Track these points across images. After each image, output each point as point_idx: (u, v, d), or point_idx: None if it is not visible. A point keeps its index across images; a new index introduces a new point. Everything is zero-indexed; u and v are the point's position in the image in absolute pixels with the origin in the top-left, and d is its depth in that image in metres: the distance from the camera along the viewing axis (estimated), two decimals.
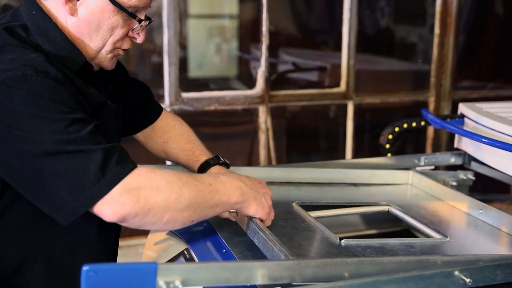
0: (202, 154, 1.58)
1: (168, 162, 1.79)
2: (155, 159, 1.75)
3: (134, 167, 1.16)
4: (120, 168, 1.13)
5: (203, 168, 1.55)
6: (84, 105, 1.26)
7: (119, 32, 1.32)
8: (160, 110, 1.69)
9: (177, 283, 1.01)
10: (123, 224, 1.18)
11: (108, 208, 1.12)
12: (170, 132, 1.65)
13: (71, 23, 1.30)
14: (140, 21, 1.33)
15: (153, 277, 0.99)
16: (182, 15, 3.64)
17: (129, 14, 1.30)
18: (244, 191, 1.30)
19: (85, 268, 0.96)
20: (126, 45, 1.37)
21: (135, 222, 1.16)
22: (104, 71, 1.45)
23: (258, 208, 1.33)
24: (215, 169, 1.54)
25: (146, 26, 1.37)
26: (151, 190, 1.14)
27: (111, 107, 1.42)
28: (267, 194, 1.39)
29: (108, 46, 1.34)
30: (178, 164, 1.65)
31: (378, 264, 1.16)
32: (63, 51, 1.29)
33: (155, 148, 1.67)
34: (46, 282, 1.31)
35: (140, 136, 1.69)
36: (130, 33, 1.36)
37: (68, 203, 1.13)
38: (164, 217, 1.17)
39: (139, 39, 1.37)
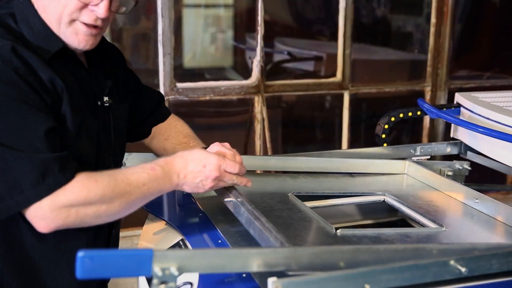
0: (196, 145, 1.60)
1: None
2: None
3: (74, 175, 1.20)
4: (61, 175, 1.19)
5: None
6: (52, 98, 1.26)
7: (71, 3, 1.28)
8: (167, 114, 1.73)
9: (173, 269, 1.00)
10: None
11: (41, 222, 1.19)
12: (171, 130, 1.68)
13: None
14: None
15: (149, 264, 0.99)
16: (176, 4, 3.61)
17: None
18: (176, 183, 1.33)
19: (80, 254, 0.95)
20: (86, 18, 1.31)
21: (70, 227, 1.23)
22: (99, 67, 1.45)
23: (195, 190, 1.37)
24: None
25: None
26: (83, 205, 1.21)
27: (107, 104, 1.44)
28: (223, 171, 1.36)
29: (64, 18, 1.30)
30: None
31: (374, 253, 1.16)
32: (40, 37, 1.31)
33: (156, 147, 1.70)
34: None
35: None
36: (90, 6, 1.30)
37: (4, 200, 1.18)
38: (97, 221, 1.26)
39: (99, 12, 1.30)
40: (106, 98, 1.45)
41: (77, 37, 1.33)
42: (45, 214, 1.18)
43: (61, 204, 1.19)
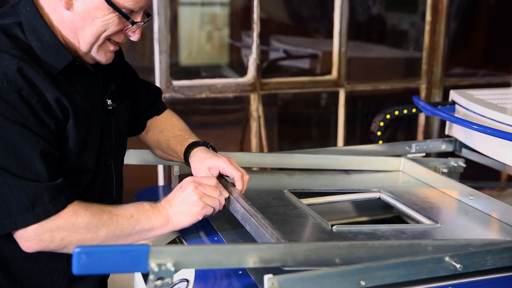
0: (191, 138, 1.60)
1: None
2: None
3: (65, 205, 1.22)
4: (51, 205, 1.21)
5: (191, 145, 1.55)
6: (56, 118, 1.26)
7: (113, 29, 1.33)
8: (164, 108, 1.73)
9: (169, 265, 1.01)
10: None
11: (25, 242, 1.22)
12: (166, 123, 1.68)
13: (67, 17, 1.31)
14: (133, 23, 1.33)
15: (145, 259, 0.99)
16: (172, 2, 3.61)
17: (123, 15, 1.31)
18: (166, 213, 1.33)
19: (76, 250, 0.95)
20: (118, 38, 1.37)
21: (53, 251, 1.25)
22: (103, 70, 1.46)
23: (190, 218, 1.34)
24: (200, 149, 1.53)
25: (143, 25, 1.37)
26: (68, 232, 1.23)
27: (110, 108, 1.45)
28: (202, 192, 1.35)
29: (100, 41, 1.34)
30: (168, 154, 1.64)
31: (370, 248, 1.17)
32: (49, 50, 1.30)
33: (150, 139, 1.69)
34: None
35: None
36: (127, 31, 1.36)
37: None
38: None
39: (134, 37, 1.38)
40: (109, 101, 1.46)
41: (105, 55, 1.38)
42: (30, 237, 1.21)
43: (48, 229, 1.21)
